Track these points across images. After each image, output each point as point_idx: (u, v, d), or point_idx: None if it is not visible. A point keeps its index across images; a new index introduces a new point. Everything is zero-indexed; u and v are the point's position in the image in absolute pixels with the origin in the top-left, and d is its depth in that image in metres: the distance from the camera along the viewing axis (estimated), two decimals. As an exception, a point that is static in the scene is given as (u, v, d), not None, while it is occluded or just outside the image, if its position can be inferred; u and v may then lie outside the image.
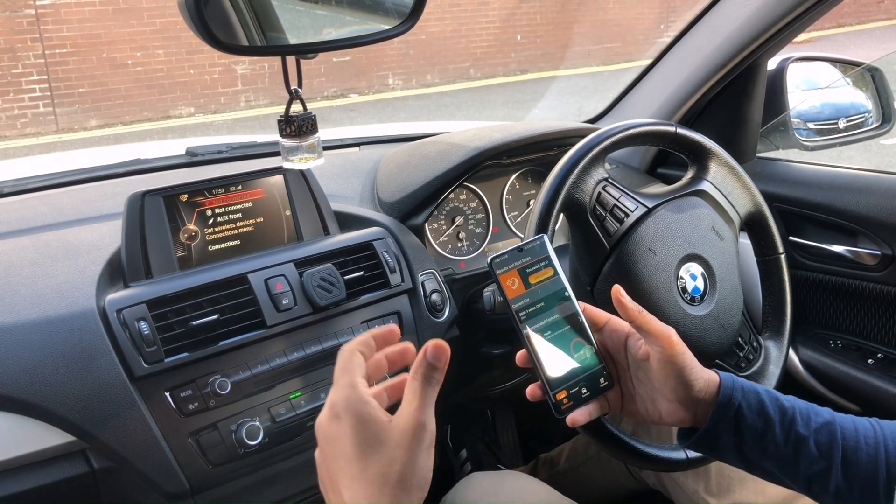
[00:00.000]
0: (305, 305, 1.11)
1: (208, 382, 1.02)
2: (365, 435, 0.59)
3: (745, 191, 1.15)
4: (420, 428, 0.59)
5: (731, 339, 1.10)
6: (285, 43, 0.93)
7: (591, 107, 1.83)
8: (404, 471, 0.58)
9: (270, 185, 1.20)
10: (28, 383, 0.93)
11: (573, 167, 1.04)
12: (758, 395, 0.80)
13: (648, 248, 1.05)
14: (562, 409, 0.80)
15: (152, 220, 1.09)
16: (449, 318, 1.27)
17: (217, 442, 1.02)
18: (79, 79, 7.18)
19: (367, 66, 8.48)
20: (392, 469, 0.58)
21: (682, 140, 1.12)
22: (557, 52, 9.65)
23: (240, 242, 1.17)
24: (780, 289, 1.16)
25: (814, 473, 0.77)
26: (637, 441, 0.96)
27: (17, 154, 6.34)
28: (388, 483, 0.58)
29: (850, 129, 1.67)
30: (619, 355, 0.84)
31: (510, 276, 0.81)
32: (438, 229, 1.42)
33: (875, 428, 0.78)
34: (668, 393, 0.80)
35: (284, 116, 0.86)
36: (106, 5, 7.17)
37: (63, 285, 1.02)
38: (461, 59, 9.05)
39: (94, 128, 7.23)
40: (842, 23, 10.75)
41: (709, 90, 1.54)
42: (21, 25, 6.90)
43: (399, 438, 0.59)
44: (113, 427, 0.96)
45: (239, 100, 7.90)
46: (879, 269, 1.36)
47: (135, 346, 0.98)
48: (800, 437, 0.77)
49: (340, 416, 0.60)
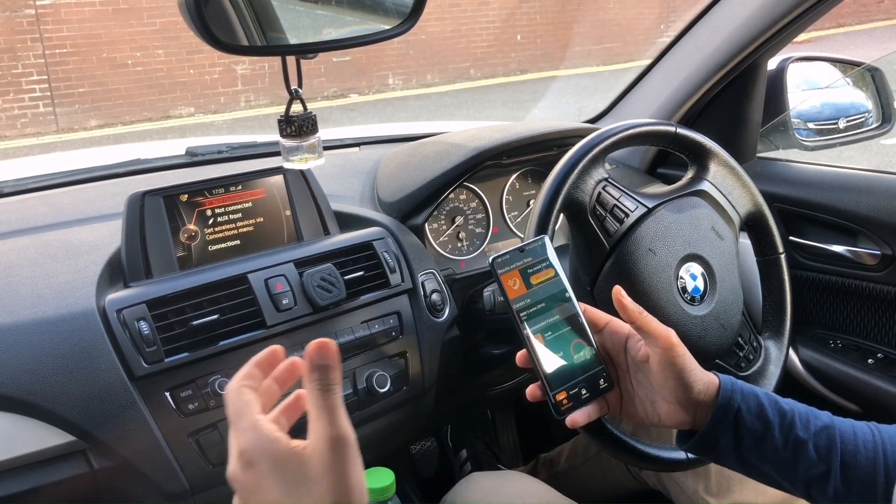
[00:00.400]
0: (305, 305, 1.11)
1: (208, 382, 1.02)
2: (286, 475, 0.54)
3: (745, 191, 1.15)
4: (338, 443, 0.54)
5: (731, 339, 1.10)
6: (285, 43, 0.93)
7: (591, 107, 1.83)
8: (339, 494, 0.54)
9: (270, 185, 1.20)
10: (28, 383, 0.93)
11: (573, 167, 1.04)
12: (757, 398, 0.80)
13: (648, 248, 1.05)
14: (561, 410, 0.80)
15: (152, 220, 1.09)
16: (449, 318, 1.27)
17: (217, 442, 1.02)
18: (79, 79, 7.18)
19: (367, 66, 8.48)
20: (326, 498, 0.53)
21: (682, 140, 1.12)
22: (557, 52, 9.65)
23: (240, 242, 1.17)
24: (780, 289, 1.16)
25: (812, 477, 0.77)
26: (637, 441, 0.96)
27: (17, 154, 6.34)
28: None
29: (850, 129, 1.67)
30: (618, 357, 0.84)
31: (511, 277, 0.81)
32: (438, 229, 1.42)
33: (874, 432, 0.79)
34: (668, 395, 0.80)
35: (285, 116, 0.86)
36: (106, 5, 7.17)
37: (63, 285, 1.02)
38: (461, 59, 9.05)
39: (94, 128, 7.23)
40: (842, 23, 10.75)
41: (709, 90, 1.54)
42: (21, 25, 6.90)
43: (321, 464, 0.54)
44: (113, 427, 0.96)
45: (239, 100, 7.90)
46: (879, 269, 1.36)
47: (135, 346, 0.98)
48: (799, 440, 0.77)
49: (254, 463, 0.54)
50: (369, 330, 1.17)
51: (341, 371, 0.56)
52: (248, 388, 0.58)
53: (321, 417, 0.55)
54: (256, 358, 0.60)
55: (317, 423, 0.55)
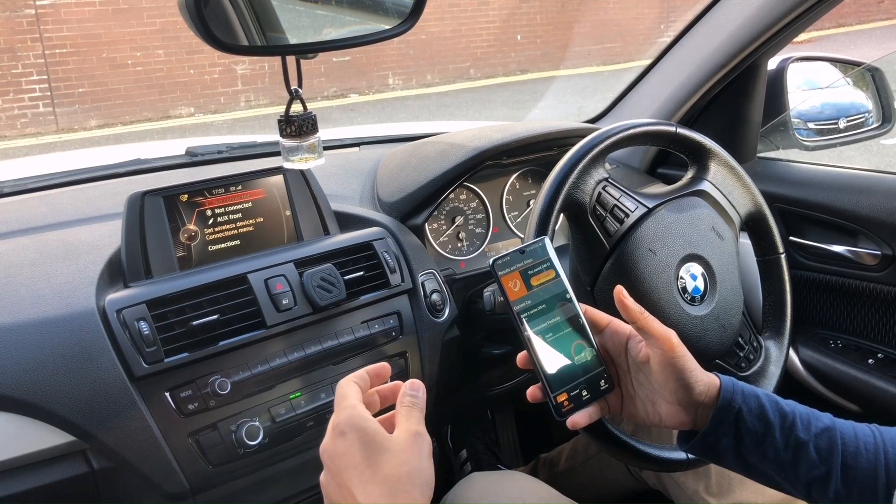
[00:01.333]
0: (305, 305, 1.11)
1: (208, 382, 1.02)
2: (371, 445, 0.65)
3: (746, 191, 1.15)
4: (418, 436, 0.66)
5: (731, 339, 1.10)
6: (285, 43, 0.93)
7: (591, 107, 1.83)
8: (412, 471, 0.64)
9: (270, 185, 1.20)
10: (28, 383, 0.93)
11: (573, 167, 1.04)
12: (758, 399, 0.80)
13: (648, 248, 1.05)
14: (562, 412, 0.80)
15: (152, 220, 1.09)
16: (449, 318, 1.27)
17: (217, 442, 1.02)
18: (79, 79, 7.18)
19: (367, 66, 8.48)
20: (401, 470, 0.64)
21: (682, 140, 1.12)
22: (557, 52, 9.65)
23: (240, 242, 1.17)
24: (781, 289, 1.16)
25: (813, 478, 0.77)
26: (637, 441, 0.96)
27: (17, 154, 6.34)
28: (400, 482, 0.63)
29: (850, 129, 1.67)
30: (619, 357, 0.84)
31: (512, 278, 0.81)
32: (438, 229, 1.42)
33: (875, 434, 0.78)
34: (668, 395, 0.80)
35: (284, 116, 0.86)
36: (106, 5, 7.18)
37: (63, 285, 1.02)
38: (461, 59, 9.05)
39: (94, 128, 7.23)
40: (842, 23, 10.75)
41: (709, 90, 1.54)
42: (21, 25, 6.90)
43: (402, 445, 0.65)
44: (113, 427, 0.96)
45: (239, 100, 7.90)
46: (879, 269, 1.36)
47: (135, 346, 0.98)
48: (800, 441, 0.77)
49: (345, 433, 0.66)
50: (369, 330, 1.17)
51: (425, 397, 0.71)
52: (354, 383, 0.71)
53: (408, 417, 0.69)
54: (370, 367, 0.74)
55: (403, 420, 0.68)
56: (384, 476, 0.63)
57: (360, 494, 0.63)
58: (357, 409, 0.67)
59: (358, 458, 0.64)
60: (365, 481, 0.63)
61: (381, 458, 0.64)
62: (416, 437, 0.66)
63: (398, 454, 0.65)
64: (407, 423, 0.68)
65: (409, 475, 0.64)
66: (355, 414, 0.67)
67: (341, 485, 0.65)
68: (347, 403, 0.68)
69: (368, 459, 0.64)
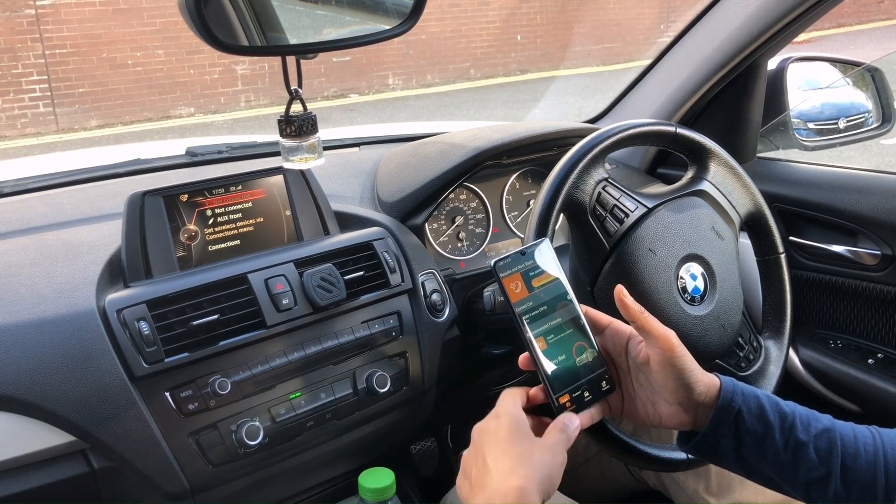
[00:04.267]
0: (305, 305, 1.11)
1: (208, 382, 1.02)
2: (518, 429, 0.75)
3: (745, 191, 1.15)
4: (560, 445, 0.75)
5: (731, 339, 1.10)
6: (285, 43, 0.93)
7: (591, 107, 1.83)
8: (542, 464, 0.72)
9: (270, 185, 1.20)
10: (28, 383, 0.93)
11: (573, 167, 1.04)
12: (758, 399, 0.80)
13: (648, 248, 1.05)
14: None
15: (152, 220, 1.09)
16: (449, 318, 1.27)
17: (217, 442, 1.02)
18: (79, 79, 7.18)
19: (367, 66, 8.48)
20: (533, 458, 0.72)
21: (682, 140, 1.12)
22: (557, 52, 9.65)
23: (240, 242, 1.17)
24: (780, 289, 1.16)
25: (813, 479, 0.77)
26: (637, 441, 0.96)
27: (17, 154, 6.34)
28: (530, 461, 0.72)
29: (850, 129, 1.67)
30: (619, 358, 0.84)
31: (513, 280, 0.81)
32: (438, 229, 1.42)
33: (874, 435, 0.79)
34: (668, 396, 0.80)
35: (284, 116, 0.86)
36: (106, 5, 7.17)
37: (63, 285, 1.02)
38: (461, 59, 9.05)
39: (95, 128, 7.23)
40: (842, 23, 10.75)
41: (709, 90, 1.54)
42: (21, 25, 6.90)
43: (545, 442, 0.75)
44: (113, 427, 0.96)
45: (239, 100, 7.90)
46: (879, 269, 1.36)
47: (135, 346, 0.98)
48: (799, 442, 0.77)
49: (499, 416, 0.76)
50: (369, 330, 1.17)
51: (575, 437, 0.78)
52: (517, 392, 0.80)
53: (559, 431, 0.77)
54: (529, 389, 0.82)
55: (554, 432, 0.77)
56: (519, 454, 0.72)
57: (491, 461, 0.72)
58: (517, 405, 0.77)
59: (502, 435, 0.74)
60: (499, 452, 0.73)
61: (522, 442, 0.73)
62: (558, 446, 0.75)
63: (538, 446, 0.74)
64: (556, 434, 0.76)
65: (539, 466, 0.72)
66: (514, 406, 0.76)
67: (478, 453, 0.74)
68: (510, 399, 0.78)
69: (510, 437, 0.73)
